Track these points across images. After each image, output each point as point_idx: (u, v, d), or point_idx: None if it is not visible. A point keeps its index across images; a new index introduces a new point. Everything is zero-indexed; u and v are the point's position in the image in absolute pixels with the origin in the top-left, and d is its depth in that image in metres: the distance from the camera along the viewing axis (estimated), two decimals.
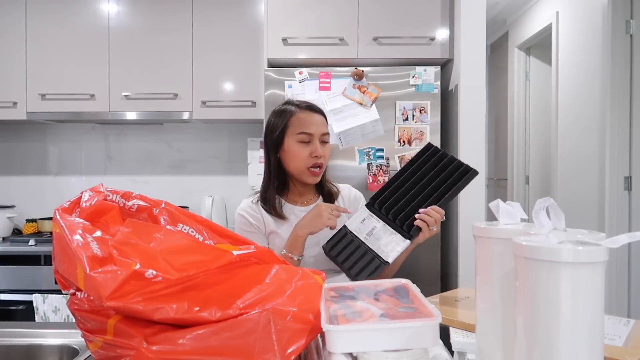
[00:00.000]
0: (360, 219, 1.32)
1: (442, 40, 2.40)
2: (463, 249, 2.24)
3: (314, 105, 1.46)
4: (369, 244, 1.29)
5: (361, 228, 1.31)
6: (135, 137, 3.08)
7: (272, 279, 0.80)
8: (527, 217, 0.69)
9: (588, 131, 2.79)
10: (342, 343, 0.67)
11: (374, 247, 1.28)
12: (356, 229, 1.31)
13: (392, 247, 1.27)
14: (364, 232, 1.30)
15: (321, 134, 1.41)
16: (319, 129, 1.41)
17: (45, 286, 2.44)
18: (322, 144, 1.42)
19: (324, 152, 1.41)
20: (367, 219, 1.31)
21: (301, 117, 1.41)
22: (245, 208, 1.46)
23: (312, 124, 1.41)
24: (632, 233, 0.55)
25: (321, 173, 1.43)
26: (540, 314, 0.58)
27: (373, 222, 1.30)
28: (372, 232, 1.29)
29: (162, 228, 0.84)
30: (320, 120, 1.43)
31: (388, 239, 1.27)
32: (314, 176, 1.42)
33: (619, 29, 2.55)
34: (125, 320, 0.73)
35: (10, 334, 1.11)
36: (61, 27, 2.69)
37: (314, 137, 1.40)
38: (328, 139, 1.44)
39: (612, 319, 0.94)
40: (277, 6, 2.42)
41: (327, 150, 1.43)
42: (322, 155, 1.40)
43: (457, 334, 0.90)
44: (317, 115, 1.43)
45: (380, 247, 1.27)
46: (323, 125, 1.43)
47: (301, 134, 1.39)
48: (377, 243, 1.28)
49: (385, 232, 1.28)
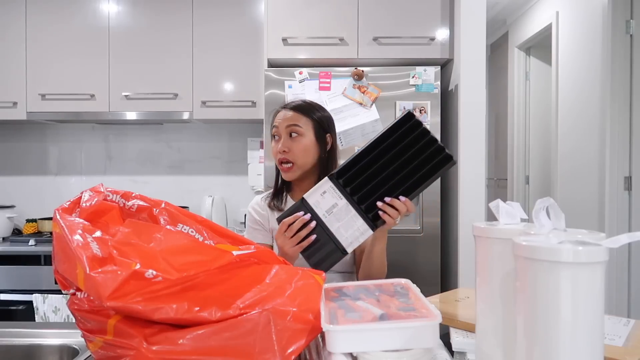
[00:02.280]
0: (320, 191, 1.17)
1: (442, 40, 2.40)
2: (463, 249, 2.24)
3: (291, 102, 1.43)
4: (328, 223, 1.16)
5: (321, 202, 1.17)
6: (135, 137, 3.08)
7: (272, 279, 0.80)
8: (527, 217, 0.69)
9: (588, 131, 2.79)
10: (342, 343, 0.67)
11: (333, 229, 1.16)
12: (315, 203, 1.17)
13: (354, 234, 1.16)
14: (324, 209, 1.17)
15: (285, 126, 1.36)
16: (284, 122, 1.37)
17: (45, 286, 2.44)
18: (291, 137, 1.36)
19: (290, 145, 1.35)
20: (329, 192, 1.17)
21: (276, 115, 1.41)
22: (253, 204, 1.48)
23: (279, 119, 1.39)
24: (632, 233, 0.55)
25: (293, 170, 1.37)
26: (540, 314, 0.58)
27: (335, 198, 1.16)
28: (333, 210, 1.16)
29: (162, 228, 0.84)
30: (290, 114, 1.38)
31: (349, 223, 1.16)
32: (284, 172, 1.38)
33: (619, 29, 2.55)
34: (125, 320, 0.73)
35: (10, 334, 1.11)
36: (61, 27, 2.69)
37: (279, 130, 1.38)
38: (300, 131, 1.36)
39: (612, 319, 0.94)
40: (277, 6, 2.42)
41: (297, 144, 1.36)
42: (286, 150, 1.35)
43: (457, 334, 0.90)
44: (288, 111, 1.39)
45: (340, 231, 1.16)
46: (290, 119, 1.37)
47: (272, 129, 1.41)
48: (337, 224, 1.16)
49: (347, 213, 1.16)
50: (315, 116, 1.40)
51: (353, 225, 1.16)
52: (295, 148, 1.36)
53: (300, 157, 1.36)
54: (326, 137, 1.42)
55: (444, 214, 2.41)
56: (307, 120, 1.38)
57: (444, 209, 2.38)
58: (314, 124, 1.39)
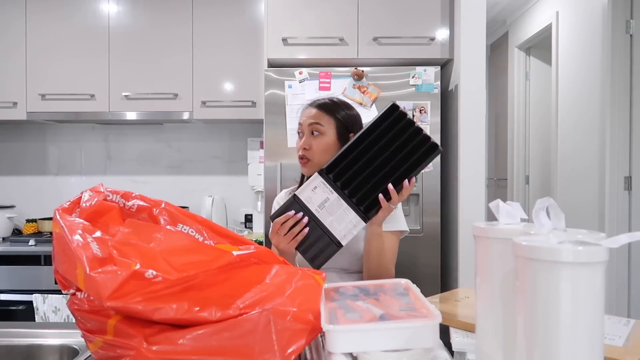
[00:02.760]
0: (311, 187, 1.20)
1: (442, 40, 2.40)
2: (463, 249, 2.24)
3: (317, 100, 1.45)
4: (321, 218, 1.18)
5: (312, 198, 1.19)
6: (135, 137, 3.08)
7: (272, 279, 0.80)
8: (527, 217, 0.69)
9: (588, 131, 2.79)
10: (342, 343, 0.67)
11: (326, 223, 1.18)
12: (307, 199, 1.19)
13: (347, 226, 1.17)
14: (316, 204, 1.19)
15: (307, 124, 1.40)
16: (307, 120, 1.40)
17: (45, 286, 2.44)
18: (313, 135, 1.40)
19: (311, 143, 1.39)
20: (320, 188, 1.19)
21: (303, 112, 1.45)
22: (277, 197, 1.55)
23: (304, 116, 1.42)
24: (632, 233, 0.55)
25: (309, 164, 1.39)
26: (540, 314, 0.58)
27: (326, 193, 1.18)
28: (325, 205, 1.18)
29: (162, 228, 0.84)
30: (314, 112, 1.41)
31: (342, 216, 1.18)
32: (302, 167, 1.42)
33: (619, 29, 2.55)
34: (125, 320, 0.73)
35: (10, 334, 1.11)
36: (61, 27, 2.69)
37: (302, 127, 1.41)
38: (322, 130, 1.39)
39: (612, 319, 0.94)
40: (277, 6, 2.42)
41: (318, 142, 1.38)
42: (306, 147, 1.39)
43: (457, 334, 0.90)
44: (311, 108, 1.43)
45: (334, 224, 1.18)
46: (313, 117, 1.40)
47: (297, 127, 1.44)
48: (329, 218, 1.18)
49: (339, 207, 1.18)
50: (339, 115, 1.42)
51: (345, 218, 1.17)
52: (315, 146, 1.39)
53: (319, 155, 1.39)
54: (349, 136, 1.42)
55: (444, 214, 2.41)
56: (330, 119, 1.41)
57: (444, 209, 2.38)
58: (337, 123, 1.41)
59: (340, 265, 1.40)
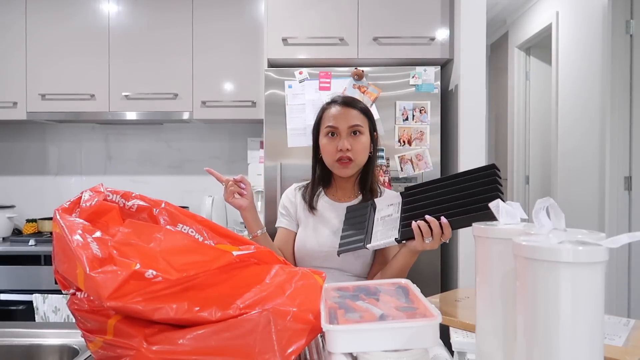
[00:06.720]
0: (388, 202, 1.31)
1: (442, 40, 2.40)
2: (463, 249, 2.24)
3: (349, 99, 1.44)
4: (375, 224, 1.28)
5: (383, 210, 1.30)
6: (135, 137, 3.08)
7: (272, 279, 0.80)
8: (527, 217, 0.69)
9: (588, 131, 2.79)
10: (342, 343, 0.67)
11: (374, 229, 1.27)
12: (380, 209, 1.32)
13: (381, 237, 1.24)
14: (382, 214, 1.29)
15: (348, 126, 1.39)
16: (346, 122, 1.39)
17: (45, 286, 2.44)
18: (353, 136, 1.39)
19: (353, 144, 1.38)
20: (393, 206, 1.29)
21: (331, 112, 1.42)
22: (287, 191, 1.55)
23: (338, 118, 1.40)
24: (632, 233, 0.55)
25: (351, 165, 1.39)
26: (540, 314, 0.58)
27: (393, 211, 1.28)
28: (386, 218, 1.28)
29: (162, 228, 0.84)
30: (351, 113, 1.40)
31: (387, 231, 1.25)
32: (344, 168, 1.40)
33: (619, 29, 2.55)
34: (125, 320, 0.73)
35: (10, 334, 1.11)
36: (61, 27, 2.69)
37: (339, 130, 1.39)
38: (362, 130, 1.40)
39: (612, 319, 0.94)
40: (277, 6, 2.42)
41: (359, 143, 1.39)
42: (349, 149, 1.37)
43: (457, 334, 0.90)
44: (347, 108, 1.41)
45: (378, 233, 1.26)
46: (352, 118, 1.39)
47: (327, 128, 1.41)
48: (379, 228, 1.27)
49: (392, 224, 1.25)
50: (369, 115, 1.45)
51: (388, 233, 1.24)
52: (357, 147, 1.39)
53: (360, 155, 1.40)
54: (374, 134, 1.46)
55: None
56: (364, 119, 1.42)
57: None
58: (369, 123, 1.44)
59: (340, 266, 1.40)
